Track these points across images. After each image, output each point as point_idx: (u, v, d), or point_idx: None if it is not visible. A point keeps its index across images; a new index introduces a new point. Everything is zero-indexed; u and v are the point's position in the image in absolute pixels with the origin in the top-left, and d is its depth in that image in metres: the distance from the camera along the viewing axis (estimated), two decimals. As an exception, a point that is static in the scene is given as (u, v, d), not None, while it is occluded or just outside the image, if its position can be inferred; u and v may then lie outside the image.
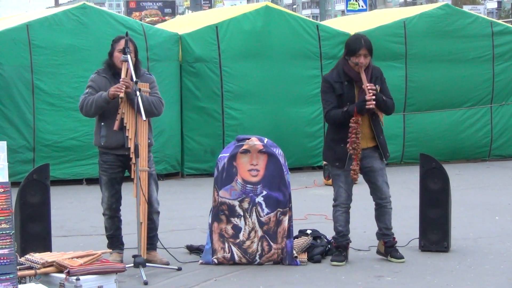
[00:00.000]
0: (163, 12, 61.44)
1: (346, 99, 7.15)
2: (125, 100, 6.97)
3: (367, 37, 7.25)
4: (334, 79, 7.21)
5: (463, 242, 8.05)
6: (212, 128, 12.99)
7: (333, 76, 7.24)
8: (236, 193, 7.23)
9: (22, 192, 7.06)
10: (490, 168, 13.84)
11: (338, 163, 7.23)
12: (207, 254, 7.27)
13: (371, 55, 7.20)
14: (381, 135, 7.28)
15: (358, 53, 7.11)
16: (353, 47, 7.14)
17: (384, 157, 7.29)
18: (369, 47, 7.15)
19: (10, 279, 5.69)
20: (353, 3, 31.46)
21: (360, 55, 7.11)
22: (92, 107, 7.09)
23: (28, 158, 11.88)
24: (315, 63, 13.46)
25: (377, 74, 7.26)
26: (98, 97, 7.05)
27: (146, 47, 12.30)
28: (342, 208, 7.31)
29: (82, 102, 7.17)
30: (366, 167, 7.24)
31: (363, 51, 7.12)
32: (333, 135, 7.29)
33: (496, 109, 14.46)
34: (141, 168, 6.96)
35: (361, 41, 7.16)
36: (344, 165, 7.19)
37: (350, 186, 7.30)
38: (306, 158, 13.54)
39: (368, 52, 7.14)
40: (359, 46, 7.12)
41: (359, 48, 7.11)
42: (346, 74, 7.17)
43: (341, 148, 7.16)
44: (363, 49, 7.11)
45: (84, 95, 7.19)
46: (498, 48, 14.35)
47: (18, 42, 11.88)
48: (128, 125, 7.00)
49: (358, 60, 7.10)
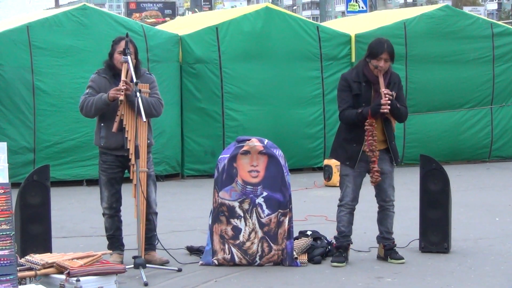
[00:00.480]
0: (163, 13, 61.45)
1: (362, 99, 7.16)
2: (124, 101, 6.97)
3: (390, 42, 7.25)
4: (353, 79, 7.22)
5: (464, 243, 8.05)
6: (212, 129, 13.00)
7: (352, 76, 7.26)
8: (236, 194, 7.23)
9: (22, 193, 7.06)
10: (491, 169, 13.84)
11: (349, 162, 7.23)
12: (207, 255, 7.27)
13: (392, 61, 7.21)
14: (393, 141, 7.30)
15: (380, 56, 7.12)
16: (375, 50, 7.15)
17: (395, 161, 7.30)
18: (391, 52, 7.16)
19: (10, 280, 5.69)
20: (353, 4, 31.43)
21: (381, 59, 7.11)
22: (92, 108, 7.09)
23: (29, 159, 11.88)
24: (315, 64, 13.47)
25: (395, 80, 7.27)
26: (98, 99, 7.05)
27: (146, 48, 12.30)
28: (346, 209, 7.31)
29: (82, 103, 7.17)
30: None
31: (385, 56, 7.12)
32: (345, 134, 7.30)
33: (497, 110, 14.47)
34: (140, 169, 6.97)
35: (384, 45, 7.17)
36: (355, 164, 7.19)
37: (358, 188, 7.31)
38: (306, 159, 13.54)
39: (389, 57, 7.15)
40: (381, 50, 7.13)
41: (381, 52, 7.12)
42: (365, 76, 7.18)
43: (353, 148, 7.18)
44: (385, 54, 7.12)
45: (84, 95, 7.20)
46: (499, 49, 14.36)
47: (19, 43, 11.89)
48: (128, 127, 7.00)
49: (378, 63, 7.11)
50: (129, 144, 6.97)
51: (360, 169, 7.24)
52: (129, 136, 6.97)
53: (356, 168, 7.21)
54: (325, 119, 13.58)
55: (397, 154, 7.37)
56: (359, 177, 7.27)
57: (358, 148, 7.15)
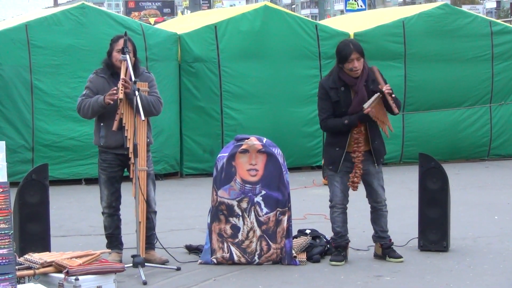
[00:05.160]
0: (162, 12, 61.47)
1: (343, 105, 7.13)
2: (124, 100, 6.96)
3: (355, 40, 7.24)
4: (330, 85, 7.17)
5: (462, 242, 8.05)
6: (211, 128, 13.00)
7: (329, 83, 7.20)
8: (235, 193, 7.23)
9: (21, 192, 7.06)
10: (489, 167, 13.84)
11: (332, 166, 7.25)
12: (206, 254, 7.27)
13: (363, 57, 7.16)
14: (376, 140, 7.24)
15: (350, 58, 7.06)
16: (343, 54, 7.09)
17: (376, 163, 7.25)
18: (359, 50, 7.10)
19: (9, 279, 5.68)
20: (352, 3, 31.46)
21: (352, 60, 7.06)
22: (89, 111, 7.10)
23: (27, 158, 11.88)
24: (314, 63, 13.47)
25: (373, 76, 7.23)
26: (94, 102, 7.06)
27: (145, 47, 12.30)
28: (338, 209, 7.31)
29: (80, 104, 7.18)
30: (363, 170, 7.24)
31: (355, 55, 7.07)
32: (330, 139, 7.32)
33: (495, 108, 14.47)
34: (140, 167, 6.97)
35: (350, 46, 7.11)
36: (338, 168, 7.20)
37: (346, 187, 7.30)
38: (305, 158, 13.54)
39: (360, 54, 7.09)
40: (349, 51, 7.07)
41: (350, 54, 7.06)
42: (341, 80, 7.14)
43: (336, 152, 7.17)
44: (354, 53, 7.06)
45: (81, 97, 7.20)
46: (497, 48, 14.36)
47: (17, 42, 11.88)
48: (127, 125, 7.00)
49: (352, 65, 7.07)
50: (129, 143, 6.97)
51: (346, 169, 7.22)
52: (129, 135, 6.97)
53: (339, 171, 7.21)
54: (324, 117, 13.55)
55: (380, 154, 7.28)
56: (345, 176, 7.26)
57: (341, 152, 7.14)
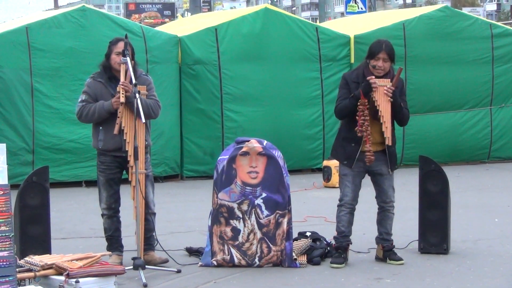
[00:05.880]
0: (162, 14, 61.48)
1: None
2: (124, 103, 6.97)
3: (390, 43, 7.26)
4: (353, 79, 7.25)
5: (463, 244, 8.05)
6: (211, 131, 12.99)
7: (352, 76, 7.29)
8: (235, 195, 7.23)
9: (21, 195, 7.06)
10: (490, 170, 13.84)
11: (347, 161, 7.25)
12: (206, 256, 7.27)
13: (392, 61, 7.20)
14: (393, 146, 7.27)
15: (377, 56, 7.14)
16: (373, 50, 7.19)
17: (390, 167, 7.27)
18: (389, 52, 7.17)
19: (10, 281, 5.69)
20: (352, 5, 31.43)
21: (379, 59, 7.14)
22: (94, 117, 7.10)
23: (28, 160, 11.88)
24: (314, 65, 13.47)
25: (398, 85, 7.24)
26: (100, 108, 7.06)
27: (145, 49, 12.30)
28: (346, 209, 7.31)
29: (81, 110, 7.16)
30: (375, 170, 7.26)
31: (382, 55, 7.13)
32: (344, 133, 7.31)
33: (496, 111, 14.47)
34: (139, 170, 6.96)
35: (382, 45, 7.20)
36: (353, 163, 7.20)
37: (357, 187, 7.31)
38: (305, 160, 13.54)
39: (388, 57, 7.15)
40: (379, 49, 7.16)
41: (379, 51, 7.14)
42: (364, 77, 7.19)
43: (352, 147, 7.18)
44: (382, 53, 7.14)
45: (80, 103, 7.18)
46: (498, 50, 14.36)
47: (18, 44, 11.88)
48: (126, 129, 7.00)
49: (376, 63, 7.13)
50: (127, 146, 6.97)
51: (359, 169, 7.25)
52: (128, 138, 6.97)
53: (354, 168, 7.22)
54: (324, 120, 13.58)
55: (394, 160, 7.32)
56: (358, 176, 7.28)
57: (357, 148, 7.16)
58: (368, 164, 7.16)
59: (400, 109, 7.20)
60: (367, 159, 7.10)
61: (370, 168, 7.24)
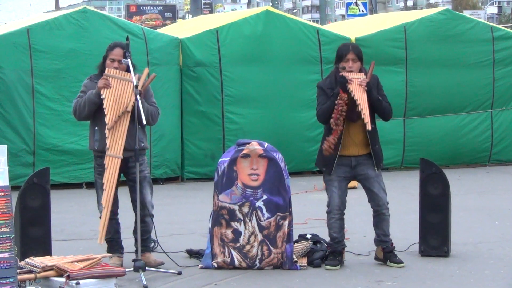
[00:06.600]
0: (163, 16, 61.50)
1: None
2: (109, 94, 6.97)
3: (356, 44, 7.29)
4: (327, 86, 7.26)
5: (463, 247, 8.05)
6: (212, 133, 12.99)
7: (326, 83, 7.31)
8: (236, 198, 7.23)
9: (22, 196, 7.06)
10: (490, 173, 13.84)
11: (325, 168, 7.27)
12: (207, 258, 7.27)
13: (361, 61, 7.22)
14: (376, 144, 7.26)
15: (346, 57, 7.17)
16: (341, 53, 7.22)
17: (377, 167, 7.26)
18: (357, 52, 7.20)
19: (10, 283, 5.69)
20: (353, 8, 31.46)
21: (348, 60, 7.16)
22: (85, 106, 7.11)
23: (28, 161, 11.88)
24: (315, 68, 13.47)
25: (373, 81, 7.25)
26: (88, 95, 7.11)
27: (146, 51, 12.30)
28: (335, 215, 7.31)
29: (75, 105, 7.20)
30: (361, 174, 7.25)
31: (351, 56, 7.16)
32: (322, 141, 7.31)
33: (497, 114, 14.47)
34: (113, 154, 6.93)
35: (349, 46, 7.26)
36: (331, 170, 7.21)
37: (344, 192, 7.31)
38: (306, 162, 13.53)
39: (356, 57, 7.18)
40: (346, 51, 7.19)
41: (346, 53, 7.17)
42: (337, 82, 7.18)
43: (330, 154, 7.16)
44: (350, 53, 7.16)
45: (75, 99, 7.23)
46: (499, 53, 14.36)
47: (19, 46, 11.88)
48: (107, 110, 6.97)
49: (346, 64, 7.15)
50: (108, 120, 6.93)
51: (344, 174, 7.24)
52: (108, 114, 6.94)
53: (334, 174, 7.21)
54: (325, 122, 13.56)
55: (380, 158, 7.29)
56: (343, 181, 7.28)
57: (334, 154, 7.14)
58: (325, 153, 7.11)
59: (379, 102, 7.18)
60: (324, 146, 7.06)
61: (356, 173, 7.25)
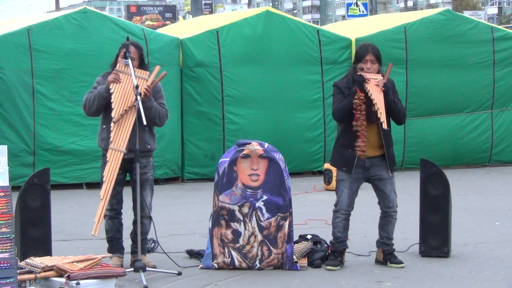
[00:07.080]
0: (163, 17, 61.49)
1: None
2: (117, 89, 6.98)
3: (375, 45, 7.31)
4: (344, 85, 7.30)
5: (463, 248, 8.05)
6: (212, 133, 13.00)
7: (343, 83, 7.34)
8: (236, 198, 7.23)
9: (22, 196, 7.06)
10: (491, 173, 13.84)
11: (345, 167, 7.25)
12: (207, 259, 7.27)
13: (380, 63, 7.26)
14: (390, 147, 7.29)
15: (365, 58, 7.21)
16: (360, 53, 7.27)
17: (390, 169, 7.28)
18: (376, 54, 7.24)
19: (10, 283, 5.69)
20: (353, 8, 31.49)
21: (366, 61, 7.20)
22: (94, 100, 7.11)
23: (28, 162, 11.88)
24: (315, 68, 13.48)
25: (388, 85, 7.27)
26: (99, 89, 7.12)
27: (147, 51, 12.28)
28: (342, 215, 7.31)
29: (85, 100, 7.21)
30: (374, 176, 7.26)
31: (369, 57, 7.20)
32: (342, 140, 7.33)
33: (497, 114, 14.48)
34: (116, 147, 6.92)
35: (368, 48, 7.28)
36: (351, 170, 7.21)
37: (354, 194, 7.31)
38: (306, 163, 13.54)
39: (375, 58, 7.22)
40: (365, 52, 7.23)
41: (365, 54, 7.22)
42: (355, 81, 7.20)
43: (349, 153, 7.18)
44: (369, 55, 7.21)
45: (86, 94, 7.24)
46: (499, 54, 14.37)
47: (19, 46, 11.89)
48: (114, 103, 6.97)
49: (364, 65, 7.18)
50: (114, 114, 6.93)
51: (357, 175, 7.24)
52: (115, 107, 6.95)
53: (352, 174, 7.22)
54: (325, 123, 13.58)
55: (394, 161, 7.32)
56: (355, 183, 7.28)
57: (354, 154, 7.15)
58: (361, 158, 7.13)
59: (395, 104, 7.21)
60: (358, 152, 7.09)
61: (369, 174, 7.25)
